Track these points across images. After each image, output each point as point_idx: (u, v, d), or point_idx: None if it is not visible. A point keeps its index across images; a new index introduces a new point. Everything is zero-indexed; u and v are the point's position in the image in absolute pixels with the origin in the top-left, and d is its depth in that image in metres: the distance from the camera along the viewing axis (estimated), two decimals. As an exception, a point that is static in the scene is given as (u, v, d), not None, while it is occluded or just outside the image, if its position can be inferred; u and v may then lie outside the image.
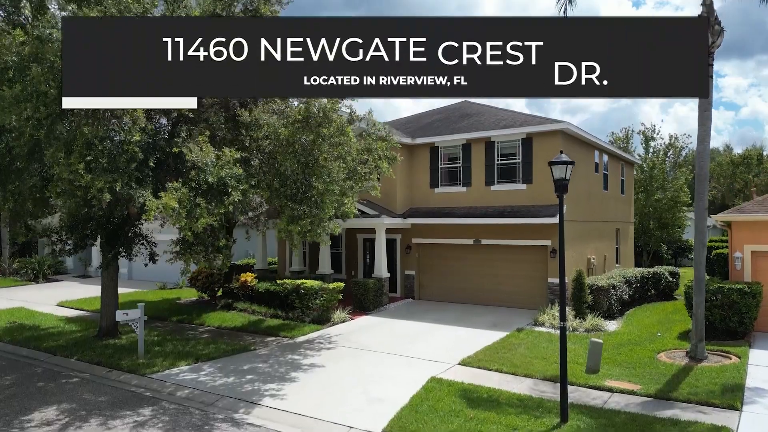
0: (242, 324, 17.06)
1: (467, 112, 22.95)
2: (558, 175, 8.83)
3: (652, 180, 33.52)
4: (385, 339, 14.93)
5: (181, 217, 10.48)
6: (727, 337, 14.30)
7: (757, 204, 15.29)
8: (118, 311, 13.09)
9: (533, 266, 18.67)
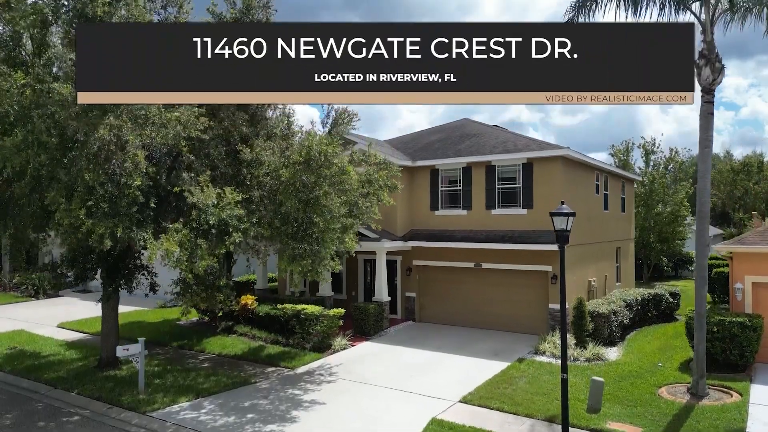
0: (243, 352, 17.06)
1: (468, 132, 22.94)
2: (559, 226, 8.82)
3: (652, 194, 33.57)
4: (386, 370, 14.92)
5: (182, 260, 10.47)
6: (728, 369, 14.29)
7: (758, 235, 15.28)
8: (119, 347, 13.07)
9: (534, 291, 18.66)
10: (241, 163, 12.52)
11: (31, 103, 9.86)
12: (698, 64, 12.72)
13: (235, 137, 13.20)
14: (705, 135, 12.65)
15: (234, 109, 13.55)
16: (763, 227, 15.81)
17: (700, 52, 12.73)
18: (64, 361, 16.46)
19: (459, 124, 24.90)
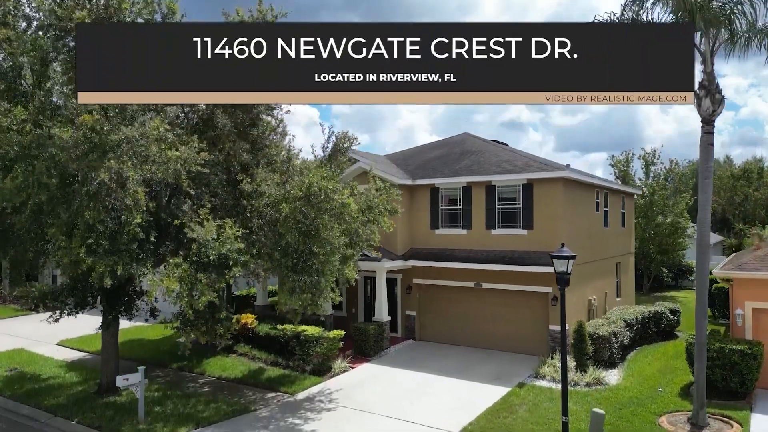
0: (242, 374, 17.04)
1: (468, 149, 22.94)
2: (560, 268, 8.81)
3: (652, 205, 33.58)
4: (386, 397, 14.90)
5: (182, 296, 10.47)
6: (729, 396, 14.28)
7: (758, 260, 15.27)
8: (119, 377, 13.05)
9: (534, 311, 18.65)
10: (241, 193, 12.51)
11: (31, 143, 9.85)
12: (698, 94, 12.72)
13: (235, 166, 13.20)
14: (705, 165, 12.64)
15: (235, 137, 13.55)
16: (762, 252, 15.79)
17: (701, 82, 12.73)
18: (64, 385, 16.44)
19: (459, 140, 24.90)
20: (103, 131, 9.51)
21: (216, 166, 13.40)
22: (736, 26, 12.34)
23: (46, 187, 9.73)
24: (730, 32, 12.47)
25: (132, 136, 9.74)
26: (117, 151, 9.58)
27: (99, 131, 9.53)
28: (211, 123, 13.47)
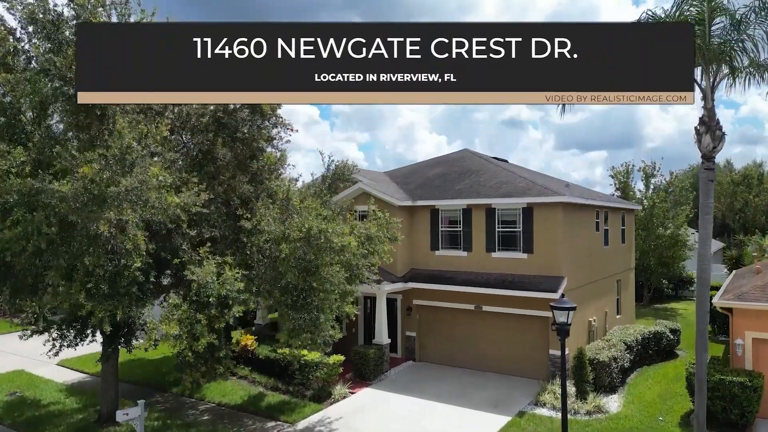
0: (242, 401, 17.04)
1: (468, 167, 22.92)
2: (560, 319, 8.80)
3: (653, 218, 33.56)
4: (386, 426, 14.89)
5: (181, 339, 10.46)
6: (729, 428, 14.28)
7: (759, 290, 15.25)
8: (119, 411, 12.99)
9: (534, 335, 18.64)
10: (241, 228, 12.50)
11: (30, 191, 9.84)
12: (699, 130, 12.70)
13: (235, 201, 13.17)
14: (705, 201, 12.61)
15: (234, 170, 13.53)
16: (763, 280, 15.76)
17: (701, 119, 12.69)
18: (64, 412, 16.45)
19: (459, 157, 24.89)
20: (102, 182, 9.51)
21: (215, 198, 13.40)
22: (738, 62, 12.29)
23: (45, 235, 9.73)
24: (730, 68, 12.43)
25: (132, 187, 9.73)
26: (117, 201, 9.56)
27: (99, 182, 9.53)
28: (210, 155, 13.46)
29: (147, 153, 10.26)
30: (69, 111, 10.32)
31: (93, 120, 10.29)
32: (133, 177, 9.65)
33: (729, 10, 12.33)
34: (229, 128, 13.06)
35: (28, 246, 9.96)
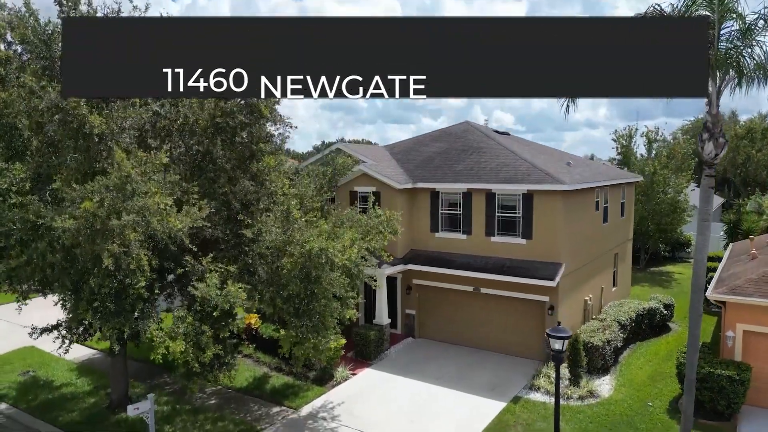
0: (248, 383, 17.67)
1: (469, 144, 22.74)
2: (555, 346, 9.06)
3: (653, 184, 33.53)
4: (386, 415, 15.50)
5: (188, 353, 10.79)
6: (715, 417, 14.88)
7: (752, 284, 15.50)
8: (130, 406, 13.49)
9: (531, 317, 19.09)
10: (243, 240, 12.61)
11: (34, 225, 9.89)
12: (702, 137, 12.58)
13: (235, 205, 13.21)
14: (705, 208, 12.64)
15: (233, 170, 13.48)
16: (756, 274, 15.97)
17: (705, 125, 12.55)
18: (76, 395, 17.10)
19: (460, 131, 24.63)
20: (103, 215, 9.54)
21: (216, 199, 13.43)
22: (745, 66, 12.01)
23: (50, 264, 9.87)
24: (738, 71, 12.15)
25: (134, 221, 9.76)
26: (122, 232, 9.62)
27: (100, 216, 9.56)
28: (210, 156, 13.39)
29: (147, 179, 10.22)
30: (67, 134, 10.21)
31: (91, 143, 10.20)
32: (134, 202, 9.65)
33: (741, 13, 11.98)
34: (227, 131, 12.93)
35: (34, 274, 10.14)
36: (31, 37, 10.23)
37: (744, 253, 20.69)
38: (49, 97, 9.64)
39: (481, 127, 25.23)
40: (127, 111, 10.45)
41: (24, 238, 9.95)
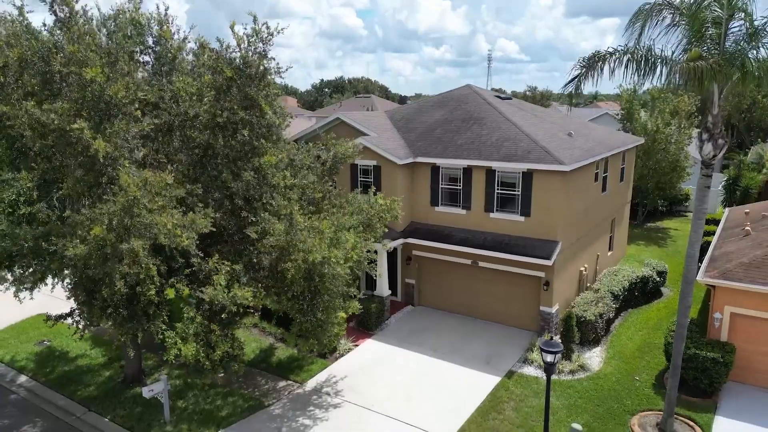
0: (255, 355, 18.49)
1: (470, 113, 22.57)
2: (548, 359, 9.58)
3: (654, 142, 33.40)
4: (386, 389, 16.35)
5: (198, 353, 11.37)
6: (698, 393, 15.72)
7: (743, 269, 15.92)
8: (144, 388, 14.35)
9: (527, 290, 19.69)
10: (247, 240, 12.91)
11: (45, 250, 10.17)
12: (701, 137, 12.63)
13: (238, 201, 13.40)
14: (700, 207, 12.88)
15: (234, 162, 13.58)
16: (748, 258, 16.34)
17: (705, 125, 12.56)
18: (92, 368, 17.97)
19: (462, 96, 24.36)
20: (113, 242, 9.78)
21: (218, 190, 13.63)
22: (749, 68, 11.89)
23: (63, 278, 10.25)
24: (742, 73, 12.03)
25: (142, 246, 10.01)
26: (135, 258, 9.92)
27: (110, 242, 9.79)
28: (212, 150, 13.48)
29: (152, 198, 10.38)
30: (70, 154, 10.24)
31: (96, 164, 10.28)
32: (141, 219, 9.87)
33: (750, 13, 11.73)
34: (228, 129, 12.96)
35: (44, 278, 10.53)
36: (30, 56, 10.09)
37: (739, 225, 20.99)
38: (53, 121, 9.66)
39: (483, 92, 24.92)
40: (129, 125, 10.47)
41: (36, 250, 10.27)
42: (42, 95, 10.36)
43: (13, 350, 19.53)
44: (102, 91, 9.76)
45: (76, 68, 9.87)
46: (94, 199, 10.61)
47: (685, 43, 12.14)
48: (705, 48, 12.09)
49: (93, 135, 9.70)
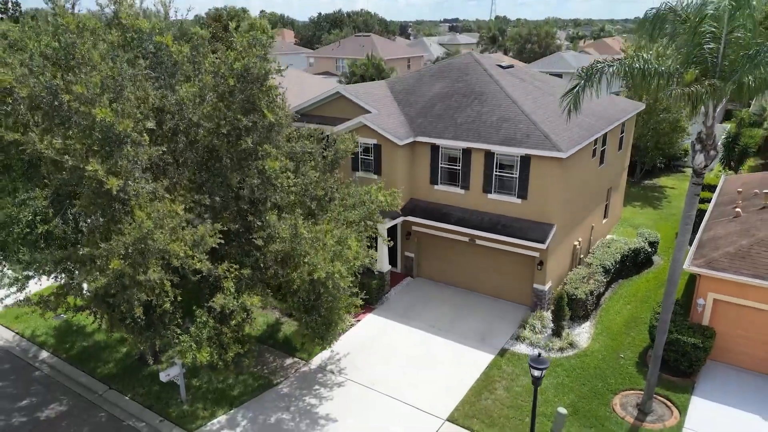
0: (261, 331, 19.52)
1: (471, 87, 22.51)
2: (535, 374, 10.43)
3: (656, 103, 33.24)
4: (387, 367, 17.46)
5: (212, 356, 12.26)
6: (678, 373, 16.82)
7: (728, 259, 16.57)
8: (162, 373, 15.38)
9: (521, 267, 20.49)
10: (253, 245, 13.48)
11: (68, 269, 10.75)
12: (694, 147, 12.93)
13: (243, 206, 13.87)
14: (688, 213, 13.37)
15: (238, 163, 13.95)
16: (734, 247, 16.91)
17: (699, 136, 12.83)
18: (109, 344, 19.02)
19: (463, 67, 24.15)
20: (131, 274, 10.32)
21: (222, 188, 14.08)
22: (746, 83, 12.02)
23: (82, 293, 10.91)
24: (738, 85, 12.17)
25: (158, 277, 10.56)
26: (146, 281, 10.51)
27: (128, 274, 10.34)
28: (216, 153, 13.82)
29: (164, 227, 10.84)
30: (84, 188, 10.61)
31: (110, 195, 10.64)
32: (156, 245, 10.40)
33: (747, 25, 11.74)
34: (231, 136, 13.26)
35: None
36: (38, 92, 10.24)
37: (732, 201, 21.45)
38: (67, 162, 9.97)
39: (485, 62, 24.67)
40: (138, 153, 10.78)
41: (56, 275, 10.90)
42: (52, 124, 10.61)
43: (33, 324, 20.57)
44: (111, 126, 10.04)
45: (86, 108, 10.09)
46: (107, 219, 11.12)
47: (684, 56, 12.21)
48: (704, 63, 12.14)
49: (106, 174, 10.07)
